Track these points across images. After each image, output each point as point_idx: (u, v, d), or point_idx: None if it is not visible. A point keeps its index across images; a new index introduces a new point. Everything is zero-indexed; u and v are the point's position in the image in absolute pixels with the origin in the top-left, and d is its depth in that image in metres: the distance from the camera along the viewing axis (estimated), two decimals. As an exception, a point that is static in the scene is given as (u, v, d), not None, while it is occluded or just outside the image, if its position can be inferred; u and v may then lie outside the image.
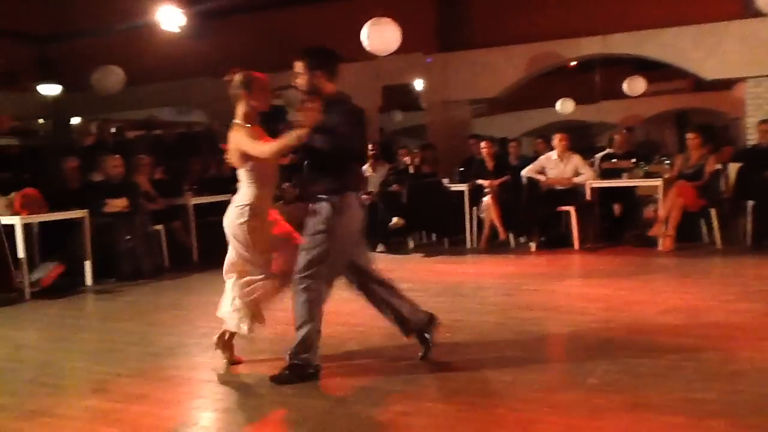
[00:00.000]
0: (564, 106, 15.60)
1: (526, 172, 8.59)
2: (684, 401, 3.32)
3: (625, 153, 9.16)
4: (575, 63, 12.76)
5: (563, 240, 8.20)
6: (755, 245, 7.55)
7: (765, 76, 9.68)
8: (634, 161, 8.69)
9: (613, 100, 16.90)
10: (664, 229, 7.70)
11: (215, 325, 5.33)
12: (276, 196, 4.42)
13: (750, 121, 9.74)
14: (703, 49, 9.81)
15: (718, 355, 4.02)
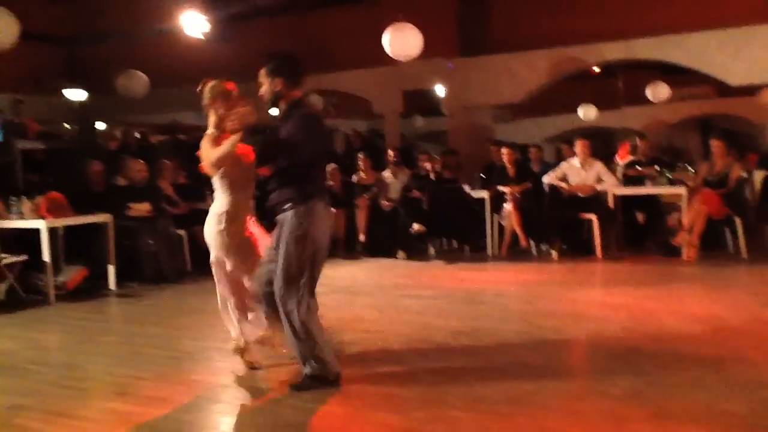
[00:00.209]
0: (586, 112, 15.47)
1: (547, 179, 8.53)
2: (708, 412, 3.28)
3: (648, 160, 9.07)
4: (598, 69, 12.67)
5: (585, 248, 8.13)
6: (782, 254, 7.45)
7: (792, 82, 9.55)
8: (657, 168, 8.60)
9: (636, 105, 16.74)
10: (689, 238, 7.61)
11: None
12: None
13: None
14: (728, 54, 9.68)
15: (742, 366, 3.96)
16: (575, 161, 8.45)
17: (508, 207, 8.42)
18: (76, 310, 6.37)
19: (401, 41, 8.81)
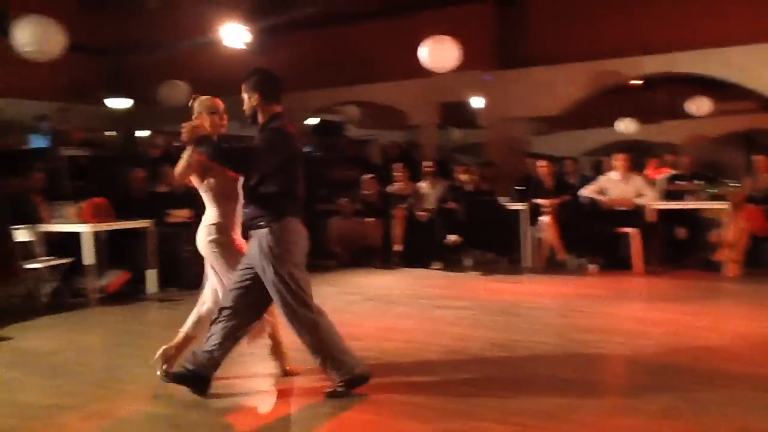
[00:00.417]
0: (625, 126, 15.29)
1: (586, 192, 8.46)
2: (747, 432, 3.22)
3: (691, 174, 8.93)
4: (639, 82, 12.52)
5: (624, 262, 8.01)
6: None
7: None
8: (699, 183, 8.46)
9: (676, 119, 16.49)
10: (731, 254, 7.46)
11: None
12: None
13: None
14: (772, 69, 9.49)
15: (786, 385, 3.87)
16: (615, 174, 8.37)
17: (545, 220, 8.36)
18: (116, 313, 6.50)
19: (439, 53, 8.85)
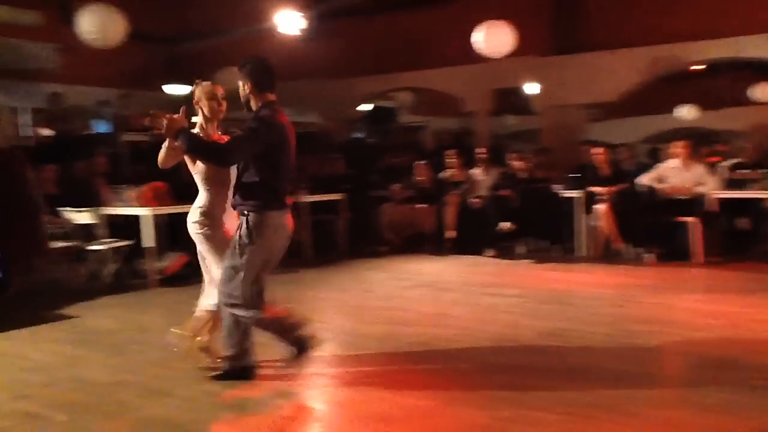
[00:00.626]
0: (686, 112, 14.87)
1: (644, 180, 8.26)
2: (814, 429, 3.12)
3: (754, 163, 8.63)
4: (701, 67, 12.12)
5: (683, 252, 7.81)
6: None
7: None
8: (763, 171, 8.17)
9: (739, 106, 15.94)
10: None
11: (326, 320, 5.50)
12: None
13: None
14: None
15: None
16: (674, 162, 8.15)
17: (600, 208, 8.21)
18: (175, 294, 6.67)
19: (494, 38, 8.74)
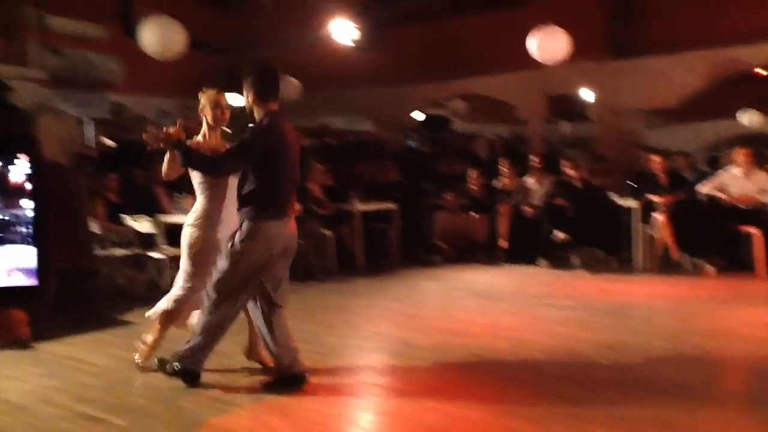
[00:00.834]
0: (749, 118, 14.38)
1: (704, 189, 8.04)
2: None
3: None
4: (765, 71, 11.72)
5: (745, 264, 7.56)
6: None
7: None
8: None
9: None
10: None
11: (378, 329, 5.52)
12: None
13: None
14: None
15: None
16: (736, 170, 7.91)
17: (659, 217, 8.02)
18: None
19: (548, 44, 8.65)
